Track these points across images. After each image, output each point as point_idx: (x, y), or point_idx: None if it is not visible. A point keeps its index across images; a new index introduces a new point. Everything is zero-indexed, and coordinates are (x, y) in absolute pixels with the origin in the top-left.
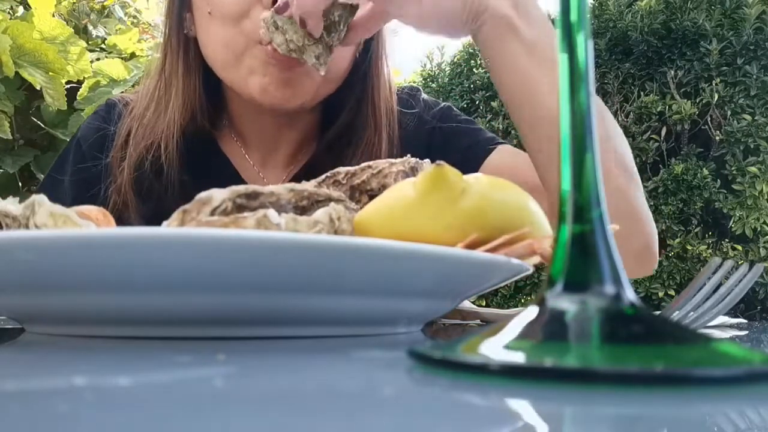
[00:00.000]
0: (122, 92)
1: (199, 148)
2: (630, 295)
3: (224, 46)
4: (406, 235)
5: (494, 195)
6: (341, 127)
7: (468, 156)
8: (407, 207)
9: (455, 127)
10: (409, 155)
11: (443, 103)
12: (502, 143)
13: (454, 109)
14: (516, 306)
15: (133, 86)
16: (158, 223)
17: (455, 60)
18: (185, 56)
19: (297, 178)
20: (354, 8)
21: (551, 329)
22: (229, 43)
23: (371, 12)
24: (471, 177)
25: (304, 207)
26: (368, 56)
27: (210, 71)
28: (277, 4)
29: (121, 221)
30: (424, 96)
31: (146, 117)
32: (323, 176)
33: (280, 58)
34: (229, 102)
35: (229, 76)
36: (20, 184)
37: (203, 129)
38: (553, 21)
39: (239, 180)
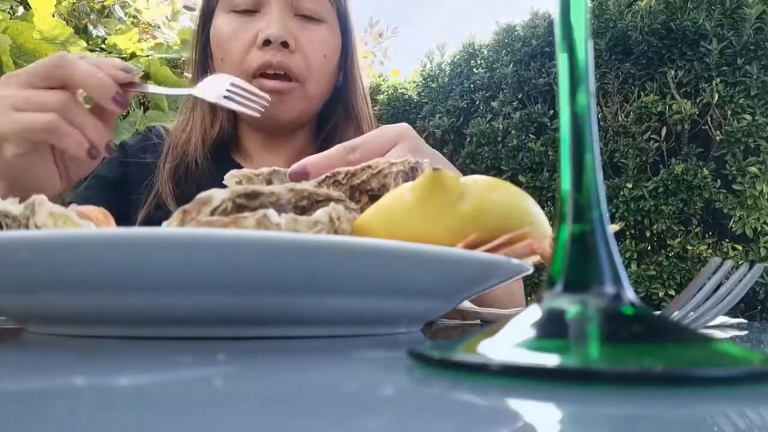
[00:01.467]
0: None
1: (218, 160)
2: (630, 295)
3: None
4: (406, 241)
5: (493, 196)
6: (330, 136)
7: None
8: (406, 213)
9: None
10: (408, 155)
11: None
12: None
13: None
14: None
15: None
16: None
17: (455, 60)
18: None
19: None
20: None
21: (551, 329)
22: None
23: None
24: (468, 179)
25: (304, 207)
26: (346, 78)
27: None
28: (293, 170)
29: (161, 206)
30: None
31: (181, 139)
32: (323, 176)
33: (269, 84)
34: (239, 127)
35: None
36: None
37: (221, 147)
38: (553, 21)
39: None
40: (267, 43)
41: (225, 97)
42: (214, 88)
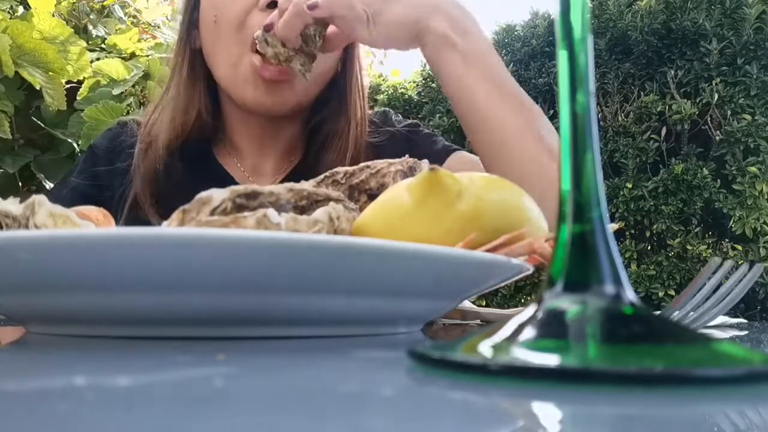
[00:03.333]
0: (122, 92)
1: (198, 157)
2: (630, 295)
3: (226, 51)
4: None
5: (490, 195)
6: (323, 136)
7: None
8: (405, 214)
9: (418, 137)
10: (407, 155)
11: (412, 120)
12: (457, 149)
13: (420, 125)
14: (516, 306)
15: (133, 86)
16: (166, 216)
17: None
18: (190, 69)
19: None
20: (325, 24)
21: (551, 329)
22: (229, 49)
23: (334, 32)
24: (465, 177)
25: (303, 207)
26: (344, 72)
27: (211, 88)
28: (265, 24)
29: (137, 209)
30: (395, 117)
31: (151, 124)
32: (322, 176)
33: (267, 72)
34: (226, 115)
35: (228, 84)
36: (20, 184)
37: (201, 139)
38: (553, 21)
39: (232, 183)
40: (272, 5)
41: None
42: None
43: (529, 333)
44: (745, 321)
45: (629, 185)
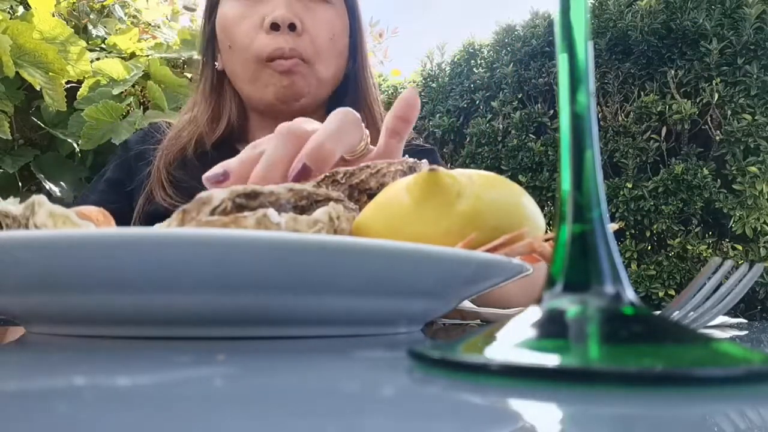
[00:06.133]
0: (122, 92)
1: (222, 152)
2: (630, 295)
3: (244, 68)
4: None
5: (489, 195)
6: None
7: None
8: (404, 216)
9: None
10: (406, 156)
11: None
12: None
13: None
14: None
15: (133, 86)
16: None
17: (455, 60)
18: (212, 88)
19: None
20: None
21: (551, 329)
22: (246, 65)
23: None
24: (464, 176)
25: (303, 207)
26: (356, 61)
27: (237, 100)
28: (295, 172)
29: (151, 201)
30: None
31: (183, 132)
32: (322, 176)
33: (280, 66)
34: (250, 118)
35: (251, 91)
36: (20, 184)
37: (227, 142)
38: (553, 21)
39: None
40: (275, 27)
41: None
42: None
43: (529, 333)
44: (745, 321)
45: (629, 185)
